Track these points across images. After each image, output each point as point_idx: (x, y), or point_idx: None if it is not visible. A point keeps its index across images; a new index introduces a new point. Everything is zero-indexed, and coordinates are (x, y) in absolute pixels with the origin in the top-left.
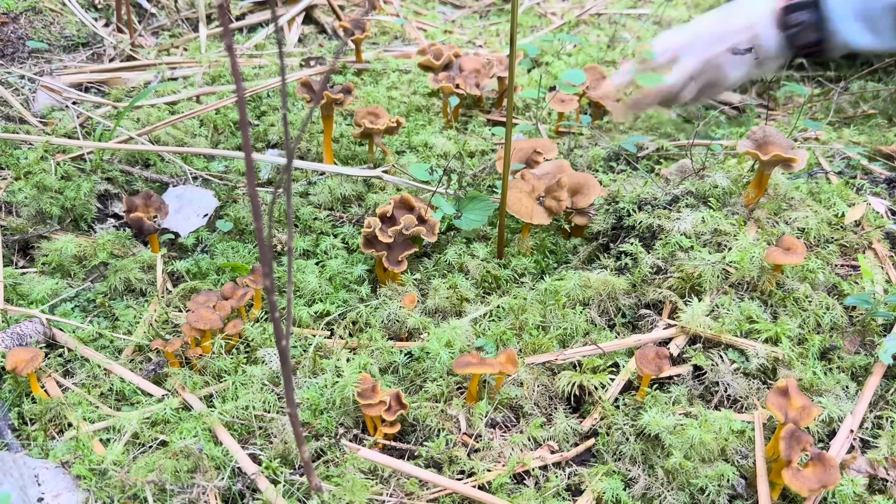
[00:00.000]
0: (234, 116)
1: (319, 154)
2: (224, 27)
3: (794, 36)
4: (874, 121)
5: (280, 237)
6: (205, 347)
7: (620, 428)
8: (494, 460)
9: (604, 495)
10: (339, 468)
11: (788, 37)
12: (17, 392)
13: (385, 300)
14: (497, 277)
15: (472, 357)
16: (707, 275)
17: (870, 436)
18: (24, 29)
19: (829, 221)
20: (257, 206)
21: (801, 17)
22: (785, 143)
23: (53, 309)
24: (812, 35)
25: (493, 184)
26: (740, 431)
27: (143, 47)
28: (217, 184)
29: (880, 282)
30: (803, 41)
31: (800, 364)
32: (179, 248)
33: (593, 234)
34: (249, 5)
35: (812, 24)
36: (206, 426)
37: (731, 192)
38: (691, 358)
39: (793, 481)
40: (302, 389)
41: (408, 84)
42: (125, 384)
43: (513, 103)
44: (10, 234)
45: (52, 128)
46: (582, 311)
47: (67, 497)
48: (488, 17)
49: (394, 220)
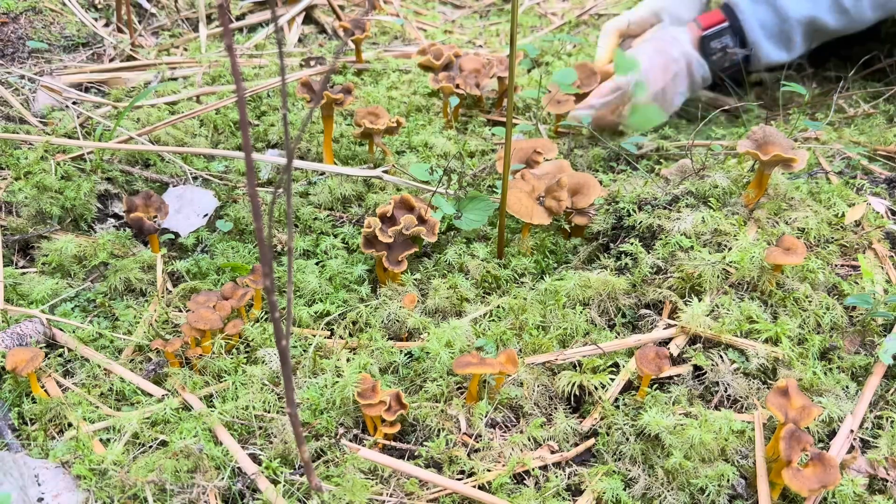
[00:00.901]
0: (234, 116)
1: (319, 154)
2: (224, 27)
3: (718, 60)
4: (874, 121)
5: (280, 237)
6: (205, 347)
7: (620, 428)
8: (494, 460)
9: (604, 495)
10: (339, 468)
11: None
12: (17, 392)
13: (385, 300)
14: (497, 277)
15: (472, 357)
16: (707, 275)
17: (870, 436)
18: (24, 29)
19: (829, 221)
20: (257, 206)
21: (722, 43)
22: (785, 143)
23: (53, 309)
24: (735, 57)
25: (493, 184)
26: (740, 431)
27: (143, 47)
28: (217, 184)
29: (880, 282)
30: (728, 63)
31: (800, 364)
32: (179, 248)
33: (593, 234)
34: (249, 5)
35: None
36: (206, 426)
37: (731, 192)
38: (691, 358)
39: (793, 481)
40: (302, 389)
41: (408, 84)
42: (125, 384)
43: (513, 103)
44: (10, 234)
45: (52, 128)
46: (582, 311)
47: (67, 497)
48: (488, 17)
49: (394, 220)
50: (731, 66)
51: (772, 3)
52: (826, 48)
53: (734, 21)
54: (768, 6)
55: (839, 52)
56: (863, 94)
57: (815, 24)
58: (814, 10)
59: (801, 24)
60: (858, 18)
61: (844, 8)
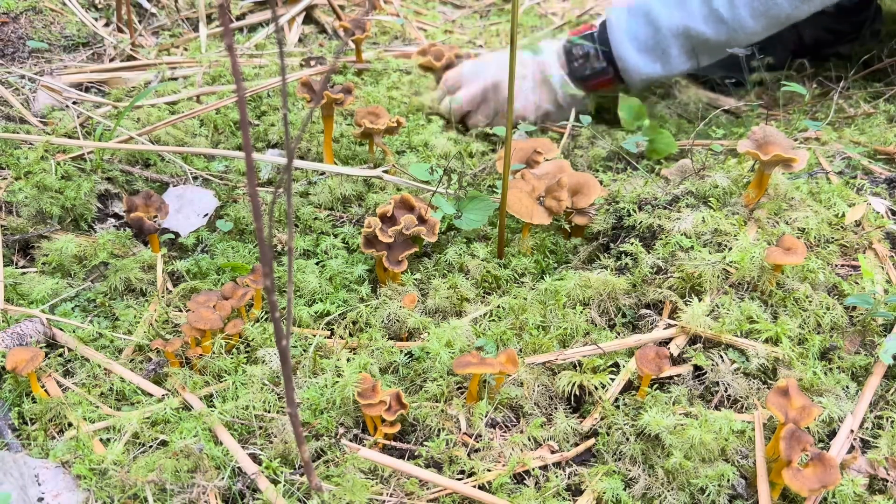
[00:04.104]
0: (235, 116)
1: (320, 154)
2: (224, 27)
3: (578, 68)
4: (874, 121)
5: (280, 237)
6: (205, 347)
7: (620, 428)
8: (494, 460)
9: (604, 495)
10: (339, 468)
11: (572, 69)
12: (17, 392)
13: (385, 300)
14: (497, 277)
15: (472, 357)
16: (707, 275)
17: (870, 436)
18: (25, 29)
19: (830, 221)
20: (257, 205)
21: (583, 50)
22: (785, 143)
23: (53, 309)
24: (597, 64)
25: (493, 184)
26: (740, 431)
27: (144, 47)
28: (217, 184)
29: (880, 282)
30: (589, 70)
31: (800, 364)
32: (179, 248)
33: (593, 234)
34: (250, 5)
35: (595, 55)
36: (206, 426)
37: (732, 192)
38: (691, 358)
39: (793, 481)
40: (302, 389)
41: (408, 84)
42: (125, 384)
43: (513, 102)
44: (10, 234)
45: (52, 128)
46: (582, 311)
47: (67, 497)
48: (488, 17)
49: (394, 219)
50: (593, 75)
51: (645, 15)
52: (826, 48)
53: (603, 31)
54: (642, 17)
55: (839, 53)
56: (863, 94)
57: (690, 34)
58: (687, 20)
59: (675, 36)
60: (739, 28)
61: (720, 17)
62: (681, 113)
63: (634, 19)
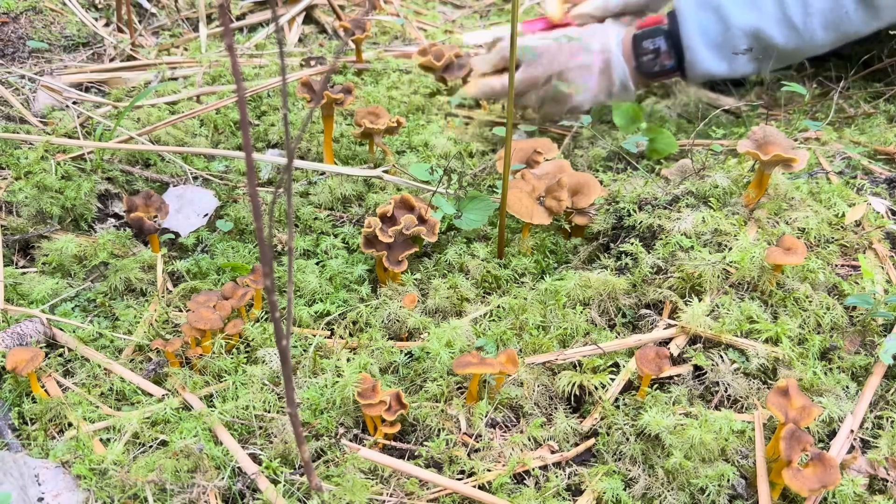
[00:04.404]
0: (235, 116)
1: (320, 154)
2: (224, 27)
3: (647, 62)
4: (874, 121)
5: (280, 237)
6: (205, 347)
7: (620, 428)
8: (494, 460)
9: (604, 495)
10: (339, 468)
11: (640, 64)
12: (17, 392)
13: (385, 300)
14: (497, 277)
15: (472, 357)
16: (707, 275)
17: (870, 436)
18: (25, 29)
19: (830, 221)
20: (257, 205)
21: (655, 45)
22: (785, 143)
23: (54, 309)
24: (667, 61)
25: (493, 184)
26: (740, 431)
27: (144, 47)
28: (217, 184)
29: (880, 282)
30: (658, 68)
31: (800, 364)
32: (180, 248)
33: (593, 234)
34: (250, 5)
35: (666, 52)
36: (206, 426)
37: (732, 192)
38: (691, 358)
39: (793, 481)
40: (302, 389)
41: (408, 84)
42: (125, 384)
43: (513, 103)
44: (10, 234)
45: (52, 128)
46: (582, 311)
47: (67, 497)
48: (488, 17)
49: (394, 219)
50: (661, 72)
51: (716, 10)
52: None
53: (673, 24)
54: (712, 12)
55: (839, 52)
56: (863, 94)
57: (760, 36)
58: (759, 22)
59: (745, 35)
60: (808, 38)
61: (793, 24)
62: (681, 113)
63: (704, 13)
